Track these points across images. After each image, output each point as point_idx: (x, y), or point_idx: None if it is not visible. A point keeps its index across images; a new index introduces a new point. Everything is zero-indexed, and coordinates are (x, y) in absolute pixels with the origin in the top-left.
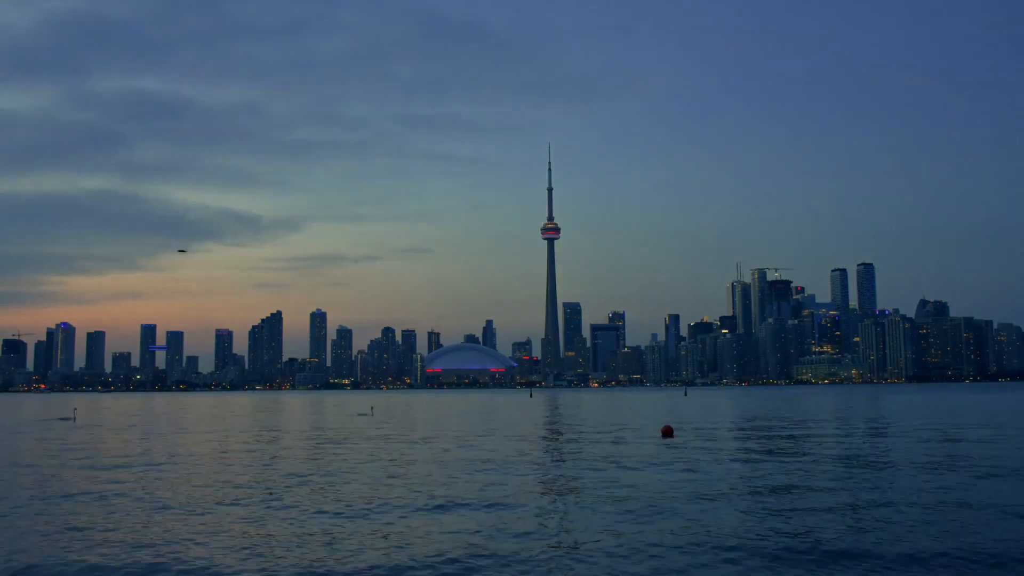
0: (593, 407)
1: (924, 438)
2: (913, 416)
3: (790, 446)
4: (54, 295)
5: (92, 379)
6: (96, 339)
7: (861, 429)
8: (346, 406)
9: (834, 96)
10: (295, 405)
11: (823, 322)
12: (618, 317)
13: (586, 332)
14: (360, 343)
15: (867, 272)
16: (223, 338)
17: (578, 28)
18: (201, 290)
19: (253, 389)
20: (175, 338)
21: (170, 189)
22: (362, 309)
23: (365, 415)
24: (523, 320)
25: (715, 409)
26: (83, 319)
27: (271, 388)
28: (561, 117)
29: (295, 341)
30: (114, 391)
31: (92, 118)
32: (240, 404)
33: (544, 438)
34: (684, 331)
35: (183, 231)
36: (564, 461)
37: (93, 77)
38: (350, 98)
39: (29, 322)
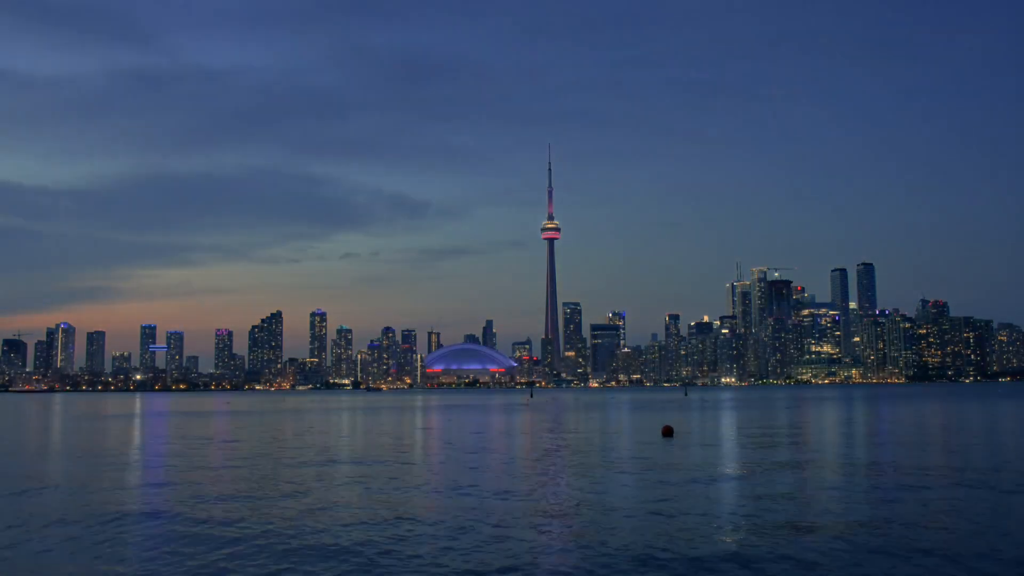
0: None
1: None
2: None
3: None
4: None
5: (92, 379)
6: (96, 339)
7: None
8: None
9: (834, 96)
10: (402, 404)
11: (823, 322)
12: (618, 317)
13: (586, 332)
14: (360, 343)
15: (867, 272)
16: (222, 338)
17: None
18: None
19: (253, 390)
20: (175, 338)
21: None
22: (362, 309)
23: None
24: (523, 320)
25: (721, 416)
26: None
27: (272, 388)
28: (561, 117)
29: (295, 341)
30: (114, 391)
31: None
32: (341, 404)
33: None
34: (684, 331)
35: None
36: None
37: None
38: None
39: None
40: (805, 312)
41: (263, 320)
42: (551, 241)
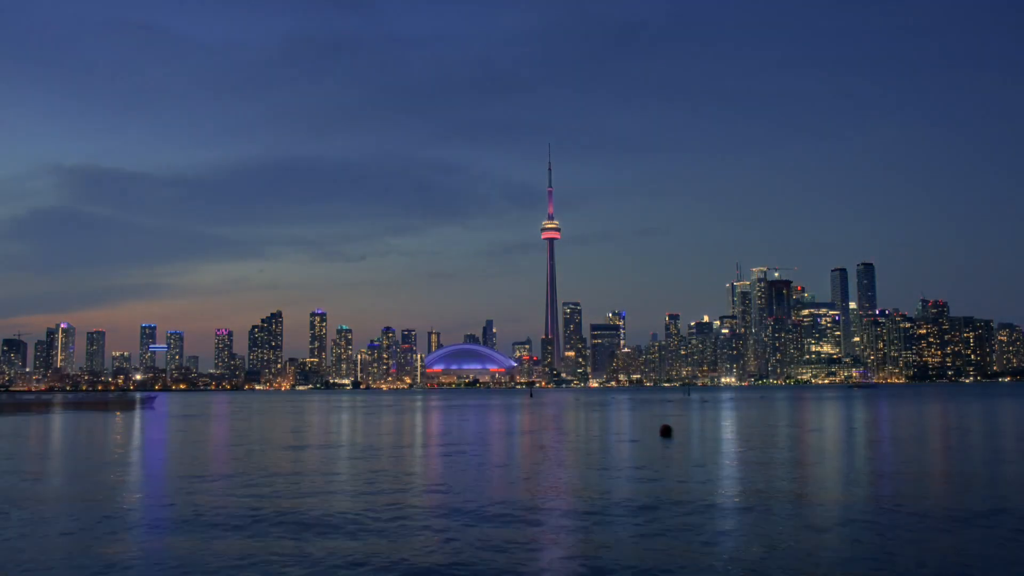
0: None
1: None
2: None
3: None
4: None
5: (92, 379)
6: (96, 338)
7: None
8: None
9: (834, 96)
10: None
11: (823, 322)
12: (618, 317)
13: (586, 332)
14: (360, 343)
15: (867, 272)
16: (222, 338)
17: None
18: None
19: (253, 390)
20: (174, 337)
21: None
22: (362, 309)
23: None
24: (523, 320)
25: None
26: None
27: (272, 388)
28: (561, 116)
29: (295, 341)
30: (114, 391)
31: None
32: (379, 403)
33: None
34: (684, 331)
35: None
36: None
37: None
38: None
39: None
40: (805, 312)
41: (263, 320)
42: (551, 241)
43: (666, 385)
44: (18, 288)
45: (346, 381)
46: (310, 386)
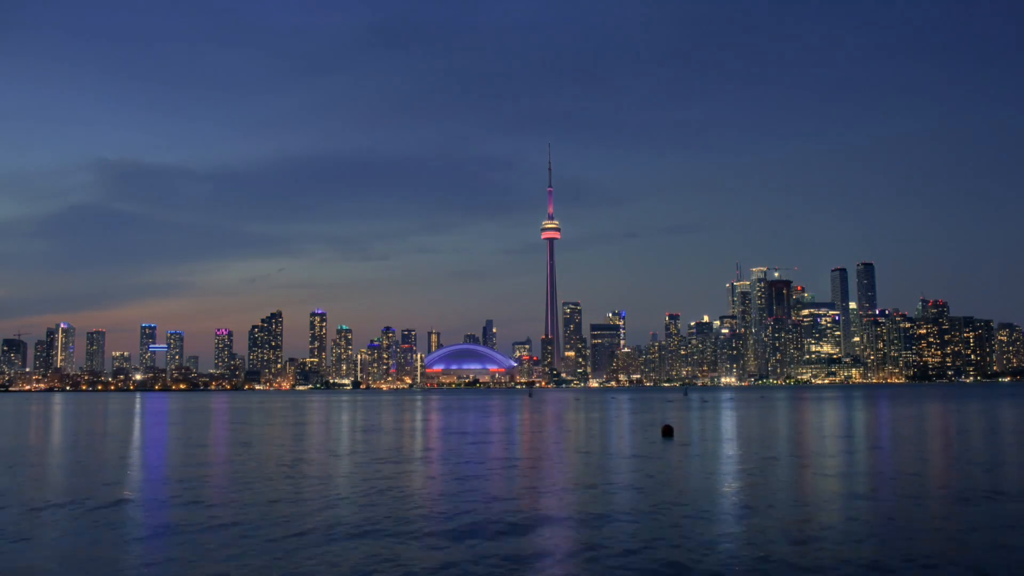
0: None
1: None
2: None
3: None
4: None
5: (92, 379)
6: (96, 338)
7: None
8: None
9: (835, 97)
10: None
11: (823, 322)
12: (618, 317)
13: (586, 332)
14: (360, 343)
15: (867, 272)
16: (222, 338)
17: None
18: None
19: (253, 390)
20: (174, 337)
21: None
22: (362, 309)
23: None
24: (523, 320)
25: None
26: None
27: (272, 388)
28: (560, 116)
29: (295, 340)
30: (114, 391)
31: None
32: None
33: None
34: (684, 331)
35: None
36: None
37: None
38: None
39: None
40: (805, 312)
41: (263, 320)
42: (551, 241)
43: (666, 385)
44: (39, 287)
45: (346, 381)
46: (310, 386)
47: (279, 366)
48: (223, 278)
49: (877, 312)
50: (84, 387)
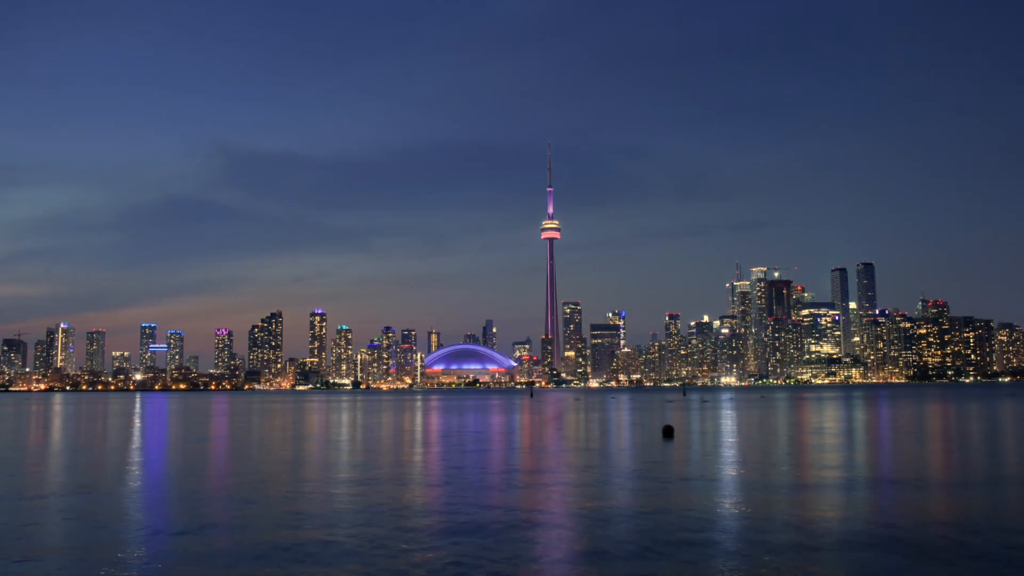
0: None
1: None
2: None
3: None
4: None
5: (92, 379)
6: (96, 338)
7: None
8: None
9: (835, 96)
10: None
11: (823, 322)
12: (618, 317)
13: (586, 332)
14: (360, 343)
15: (867, 272)
16: (222, 338)
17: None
18: None
19: (253, 390)
20: (175, 337)
21: None
22: (362, 309)
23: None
24: (523, 320)
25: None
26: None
27: (272, 388)
28: (560, 116)
29: (295, 341)
30: (114, 391)
31: None
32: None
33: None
34: (684, 331)
35: None
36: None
37: None
38: None
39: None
40: (805, 312)
41: (263, 320)
42: (551, 241)
43: (666, 385)
44: (99, 283)
45: (346, 381)
46: (310, 386)
47: (279, 366)
48: (279, 273)
49: (877, 312)
50: (84, 387)
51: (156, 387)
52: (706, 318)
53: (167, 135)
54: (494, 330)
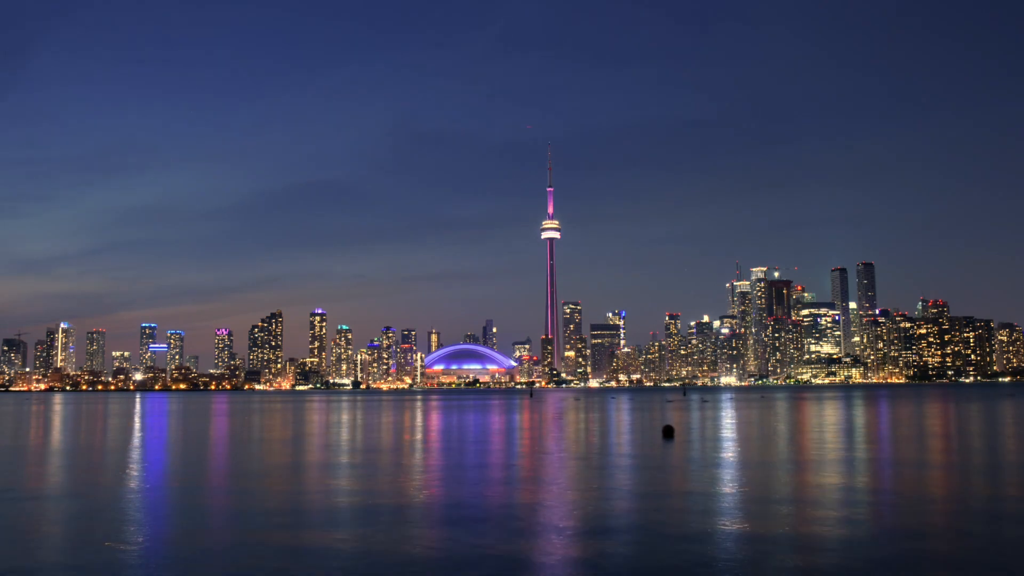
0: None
1: None
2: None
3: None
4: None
5: (92, 379)
6: (96, 338)
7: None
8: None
9: (835, 96)
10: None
11: (823, 322)
12: (618, 317)
13: (586, 332)
14: (360, 343)
15: (867, 272)
16: (222, 338)
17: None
18: None
19: (253, 390)
20: (175, 337)
21: None
22: (362, 309)
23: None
24: (523, 320)
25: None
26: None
27: (272, 388)
28: (560, 115)
29: (295, 340)
30: (114, 391)
31: None
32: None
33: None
34: (684, 331)
35: None
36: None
37: None
38: None
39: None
40: (805, 312)
41: (263, 320)
42: (551, 241)
43: (666, 385)
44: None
45: (346, 381)
46: (310, 386)
47: (279, 366)
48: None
49: (877, 312)
50: (84, 387)
51: (156, 387)
52: (706, 318)
53: None
54: (494, 330)
